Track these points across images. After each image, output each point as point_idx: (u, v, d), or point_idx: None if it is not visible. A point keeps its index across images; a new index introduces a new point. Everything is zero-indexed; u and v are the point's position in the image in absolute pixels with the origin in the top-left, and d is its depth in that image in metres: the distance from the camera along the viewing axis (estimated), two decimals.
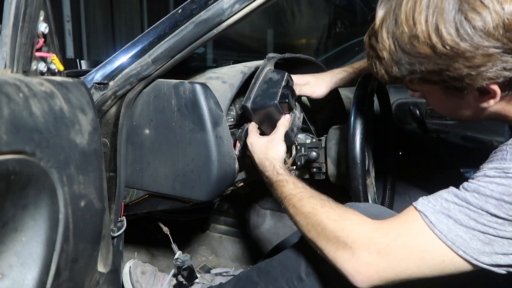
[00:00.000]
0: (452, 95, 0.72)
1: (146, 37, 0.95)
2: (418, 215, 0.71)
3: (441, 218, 0.68)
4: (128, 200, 1.09)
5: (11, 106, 0.54)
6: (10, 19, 0.61)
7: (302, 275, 0.94)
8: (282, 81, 1.06)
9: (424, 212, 0.70)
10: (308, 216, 0.82)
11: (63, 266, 0.66)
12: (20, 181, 0.55)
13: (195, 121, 0.98)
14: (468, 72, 0.64)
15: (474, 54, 0.63)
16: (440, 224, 0.68)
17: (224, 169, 1.01)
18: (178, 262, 1.24)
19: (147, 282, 1.32)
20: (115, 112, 1.01)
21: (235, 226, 1.83)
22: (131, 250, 1.58)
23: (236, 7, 0.88)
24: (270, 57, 1.17)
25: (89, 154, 0.70)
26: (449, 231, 0.67)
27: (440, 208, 0.69)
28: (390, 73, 0.73)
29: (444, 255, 0.68)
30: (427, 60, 0.66)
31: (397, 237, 0.72)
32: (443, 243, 0.68)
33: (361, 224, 0.76)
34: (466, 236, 0.67)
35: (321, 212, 0.81)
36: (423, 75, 0.69)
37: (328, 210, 0.81)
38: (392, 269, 0.72)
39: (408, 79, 0.72)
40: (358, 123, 0.95)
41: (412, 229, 0.71)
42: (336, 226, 0.77)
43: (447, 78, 0.67)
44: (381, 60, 0.72)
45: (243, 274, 1.10)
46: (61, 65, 0.72)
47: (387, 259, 0.72)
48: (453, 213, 0.68)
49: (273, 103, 1.02)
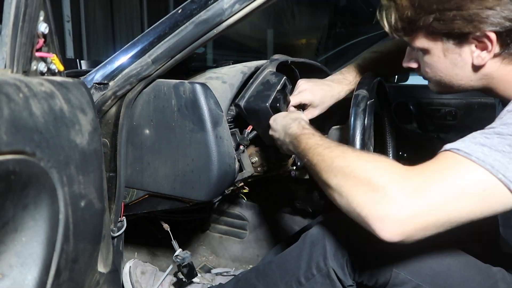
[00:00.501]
0: (452, 49, 0.79)
1: (146, 37, 0.95)
2: (450, 153, 0.69)
3: (475, 147, 0.67)
4: (128, 200, 1.09)
5: (11, 106, 0.54)
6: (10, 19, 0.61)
7: (301, 279, 0.93)
8: (278, 84, 1.08)
9: (456, 147, 0.69)
10: (337, 159, 0.76)
11: (63, 266, 0.66)
12: (20, 181, 0.55)
13: (195, 121, 0.98)
14: (478, 13, 0.72)
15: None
16: (476, 152, 0.66)
17: (224, 169, 1.01)
18: (178, 259, 1.24)
19: (147, 282, 1.32)
20: (115, 112, 1.01)
21: (235, 226, 1.83)
22: (131, 250, 1.58)
23: (236, 7, 0.88)
24: (273, 58, 1.18)
25: (89, 154, 0.70)
26: (485, 156, 0.66)
27: (469, 142, 0.69)
28: (404, 18, 0.79)
29: (485, 182, 0.65)
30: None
31: (434, 173, 0.68)
32: (482, 168, 0.65)
33: (395, 165, 0.71)
34: (504, 160, 0.65)
35: (351, 155, 0.76)
36: (437, 15, 0.75)
37: (359, 153, 0.77)
38: (430, 207, 0.66)
39: (421, 22, 0.77)
40: (358, 124, 0.95)
41: (448, 164, 0.68)
42: (369, 166, 0.71)
43: (458, 19, 0.74)
44: (397, 7, 0.80)
45: (242, 275, 1.10)
46: (61, 65, 0.72)
47: (425, 196, 0.66)
48: (486, 143, 0.67)
49: (264, 106, 1.03)
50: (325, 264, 0.91)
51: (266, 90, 1.06)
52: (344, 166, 0.74)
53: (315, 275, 0.92)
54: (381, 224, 0.66)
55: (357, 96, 0.99)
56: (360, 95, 0.99)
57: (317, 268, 0.91)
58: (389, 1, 0.81)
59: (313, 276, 0.92)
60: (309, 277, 0.92)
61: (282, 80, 1.09)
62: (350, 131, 0.95)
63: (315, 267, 0.92)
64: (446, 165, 0.69)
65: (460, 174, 0.67)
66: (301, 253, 0.96)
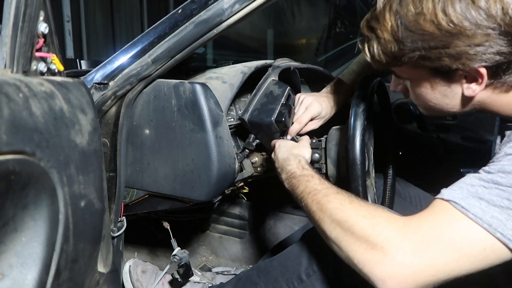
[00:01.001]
0: (440, 82, 0.75)
1: (146, 37, 0.95)
2: (447, 204, 0.67)
3: (473, 201, 0.65)
4: (128, 200, 1.09)
5: (11, 106, 0.54)
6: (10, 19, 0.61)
7: (302, 276, 0.94)
8: (282, 97, 1.06)
9: (453, 199, 0.67)
10: (334, 212, 0.76)
11: (63, 266, 0.65)
12: (20, 181, 0.55)
13: (195, 121, 0.98)
14: (466, 50, 0.68)
15: (475, 33, 0.66)
16: (473, 208, 0.65)
17: (224, 169, 1.01)
18: (176, 259, 1.24)
19: (148, 281, 1.32)
20: (115, 112, 1.01)
21: (235, 226, 1.83)
22: (131, 250, 1.58)
23: (236, 7, 0.88)
24: (275, 66, 1.17)
25: (89, 154, 0.70)
26: (483, 213, 0.64)
27: (467, 193, 0.67)
28: (387, 52, 0.74)
29: (483, 242, 0.64)
30: (430, 37, 0.69)
31: (431, 230, 0.67)
32: (479, 227, 0.64)
33: (392, 221, 0.71)
34: (501, 217, 0.63)
35: (349, 208, 0.75)
36: (423, 52, 0.71)
37: (357, 207, 0.75)
38: (430, 268, 0.66)
39: (406, 58, 0.73)
40: (358, 124, 0.95)
41: (445, 219, 0.67)
42: (366, 223, 0.71)
43: (445, 56, 0.70)
44: (379, 40, 0.74)
45: (243, 274, 1.10)
46: (61, 65, 0.72)
47: (423, 256, 0.66)
48: (483, 195, 0.65)
49: (269, 120, 1.02)
50: (326, 260, 0.91)
51: (270, 103, 1.05)
52: (342, 220, 0.74)
53: (316, 271, 0.92)
54: (382, 283, 0.67)
55: (357, 96, 0.99)
56: (360, 96, 0.99)
57: (318, 265, 0.92)
58: (370, 32, 0.76)
59: (314, 272, 0.92)
60: (310, 273, 0.93)
61: (286, 91, 1.08)
62: (350, 131, 0.95)
63: (316, 263, 0.92)
64: (444, 221, 0.67)
65: (458, 233, 0.65)
66: (302, 250, 0.96)
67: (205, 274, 1.49)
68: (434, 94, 0.78)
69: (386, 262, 0.67)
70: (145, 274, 1.32)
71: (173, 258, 1.25)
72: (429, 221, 0.68)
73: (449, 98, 0.78)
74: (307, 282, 0.93)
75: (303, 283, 0.93)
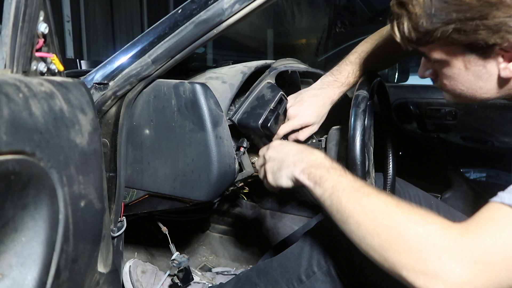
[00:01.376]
0: (475, 60, 0.70)
1: (146, 37, 0.95)
2: (508, 209, 0.60)
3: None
4: (128, 200, 1.09)
5: (11, 106, 0.54)
6: (10, 19, 0.61)
7: (302, 276, 0.94)
8: (272, 102, 1.06)
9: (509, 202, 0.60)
10: (380, 216, 0.66)
11: (63, 266, 0.65)
12: (20, 181, 0.55)
13: (195, 121, 0.98)
14: (506, 22, 0.63)
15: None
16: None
17: (224, 169, 1.01)
18: (175, 264, 1.24)
19: (147, 281, 1.32)
20: (115, 112, 1.01)
21: (235, 226, 1.83)
22: (131, 250, 1.58)
23: (236, 7, 0.88)
24: (273, 68, 1.16)
25: (89, 154, 0.70)
26: None
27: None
28: (419, 28, 0.68)
29: None
30: (466, 8, 0.64)
31: (494, 239, 0.59)
32: None
33: (449, 229, 0.62)
34: None
35: (397, 212, 0.66)
36: (458, 25, 0.65)
37: (406, 211, 0.66)
38: (493, 281, 0.59)
39: (438, 33, 0.68)
40: (358, 124, 0.95)
41: (508, 227, 0.59)
42: (420, 231, 0.62)
43: (482, 29, 0.64)
44: (410, 16, 0.69)
45: (243, 274, 1.10)
46: (61, 65, 0.72)
47: (486, 269, 0.58)
48: None
49: (255, 125, 1.04)
50: (325, 261, 0.91)
51: (260, 108, 1.05)
52: (390, 226, 0.65)
53: (316, 272, 0.92)
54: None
55: (357, 96, 0.99)
56: (360, 96, 0.99)
57: (318, 266, 0.92)
58: (401, 9, 0.71)
59: (314, 273, 0.92)
60: (310, 274, 0.93)
61: (277, 96, 1.07)
62: (350, 131, 0.95)
63: (316, 264, 0.92)
64: (506, 229, 0.59)
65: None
66: (301, 250, 0.96)
67: (205, 274, 1.49)
68: (467, 76, 0.72)
69: (445, 276, 0.59)
70: (145, 275, 1.32)
71: (172, 263, 1.25)
72: (490, 229, 0.60)
73: (483, 80, 0.72)
74: (307, 283, 0.93)
75: (302, 284, 0.93)
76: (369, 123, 1.00)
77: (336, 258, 0.90)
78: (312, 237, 0.96)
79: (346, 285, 0.92)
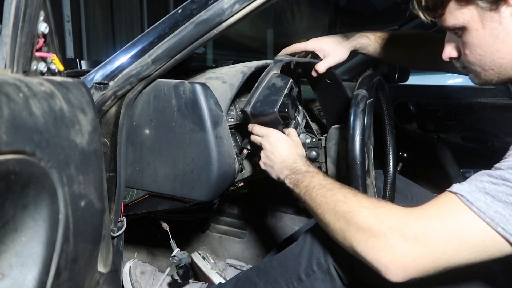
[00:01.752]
0: (490, 17, 0.74)
1: (146, 37, 0.95)
2: (453, 196, 0.69)
3: (478, 195, 0.67)
4: (128, 200, 1.09)
5: (11, 106, 0.54)
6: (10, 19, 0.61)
7: (301, 275, 0.94)
8: (285, 88, 1.04)
9: (460, 192, 0.69)
10: (339, 204, 0.79)
11: (63, 266, 0.66)
12: (20, 181, 0.55)
13: (195, 121, 0.98)
14: None
15: None
16: (478, 202, 0.66)
17: (224, 169, 1.01)
18: (175, 260, 1.24)
19: (146, 282, 1.32)
20: (115, 112, 1.01)
21: (235, 226, 1.83)
22: (131, 250, 1.58)
23: (236, 7, 0.88)
24: (277, 60, 1.15)
25: (89, 154, 0.70)
26: (487, 207, 0.66)
27: (475, 187, 0.68)
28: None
29: (484, 234, 0.66)
30: None
31: (433, 219, 0.69)
32: (482, 221, 0.66)
33: (394, 210, 0.74)
34: (505, 212, 0.65)
35: (353, 200, 0.78)
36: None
37: (360, 198, 0.79)
38: (430, 255, 0.69)
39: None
40: (357, 123, 0.95)
41: (448, 210, 0.69)
42: (369, 212, 0.74)
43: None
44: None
45: (243, 274, 1.10)
46: (61, 65, 0.72)
47: (424, 244, 0.68)
48: (490, 190, 0.67)
49: (272, 111, 1.00)
50: (325, 260, 0.91)
51: (273, 95, 1.03)
52: (346, 211, 0.77)
53: (316, 271, 0.92)
54: (385, 269, 0.70)
55: (357, 96, 0.99)
56: (359, 95, 0.99)
57: (318, 265, 0.92)
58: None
59: (314, 272, 0.93)
60: (310, 273, 0.93)
61: (288, 83, 1.06)
62: (349, 131, 0.96)
63: (316, 263, 0.92)
64: (447, 211, 0.69)
65: (459, 223, 0.67)
66: (301, 250, 0.96)
67: (218, 263, 1.49)
68: (485, 37, 0.76)
69: (389, 249, 0.70)
70: (143, 275, 1.33)
71: (173, 259, 1.25)
72: (432, 211, 0.71)
73: (500, 40, 0.75)
74: (307, 282, 0.93)
75: (302, 283, 0.93)
76: (369, 122, 1.00)
77: (336, 257, 0.90)
78: (312, 236, 0.96)
79: (345, 284, 0.92)
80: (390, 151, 1.28)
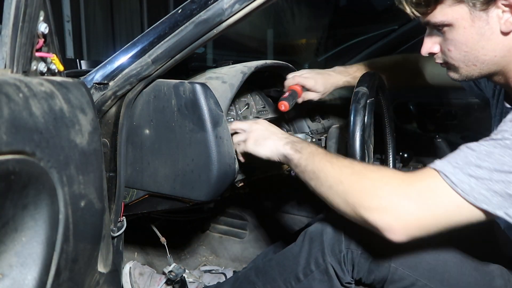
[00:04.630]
0: (478, 16, 0.76)
1: (146, 37, 0.95)
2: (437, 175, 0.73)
3: (463, 177, 0.70)
4: (128, 200, 1.09)
5: (11, 106, 0.54)
6: (10, 19, 0.61)
7: (299, 275, 0.94)
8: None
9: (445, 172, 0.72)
10: (344, 168, 0.81)
11: (63, 266, 0.66)
12: (20, 181, 0.55)
13: (195, 121, 0.98)
14: None
15: None
16: (462, 184, 0.70)
17: (224, 169, 1.01)
18: (172, 276, 1.26)
19: (144, 283, 1.33)
20: (115, 112, 1.01)
21: (235, 226, 1.83)
22: (131, 251, 1.58)
23: (236, 7, 0.88)
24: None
25: (89, 154, 0.70)
26: (471, 190, 0.69)
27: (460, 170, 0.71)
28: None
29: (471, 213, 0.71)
30: None
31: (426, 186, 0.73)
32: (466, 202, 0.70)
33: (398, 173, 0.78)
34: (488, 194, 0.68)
35: (359, 165, 0.82)
36: None
37: (366, 165, 0.83)
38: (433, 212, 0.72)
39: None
40: (357, 120, 0.95)
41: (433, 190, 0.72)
42: (375, 175, 0.77)
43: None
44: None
45: (241, 273, 1.10)
46: (61, 65, 0.72)
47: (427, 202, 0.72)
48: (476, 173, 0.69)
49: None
50: (323, 260, 0.91)
51: None
52: (351, 174, 0.79)
53: (314, 271, 0.92)
54: (389, 227, 0.73)
55: (357, 93, 0.99)
56: (360, 92, 0.99)
57: (316, 264, 0.92)
58: None
59: (312, 272, 0.93)
60: (308, 273, 0.93)
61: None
62: (350, 127, 0.96)
63: (314, 263, 0.92)
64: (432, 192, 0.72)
65: (444, 205, 0.71)
66: (300, 250, 0.96)
67: (192, 272, 1.51)
68: (471, 34, 0.78)
69: (394, 208, 0.72)
70: (142, 277, 1.34)
71: (170, 274, 1.28)
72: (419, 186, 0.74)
73: (485, 38, 0.77)
74: (305, 281, 0.93)
75: (300, 282, 0.93)
76: (369, 121, 1.00)
77: (334, 257, 0.90)
78: (311, 236, 0.96)
79: (343, 284, 0.92)
80: (390, 151, 1.28)
